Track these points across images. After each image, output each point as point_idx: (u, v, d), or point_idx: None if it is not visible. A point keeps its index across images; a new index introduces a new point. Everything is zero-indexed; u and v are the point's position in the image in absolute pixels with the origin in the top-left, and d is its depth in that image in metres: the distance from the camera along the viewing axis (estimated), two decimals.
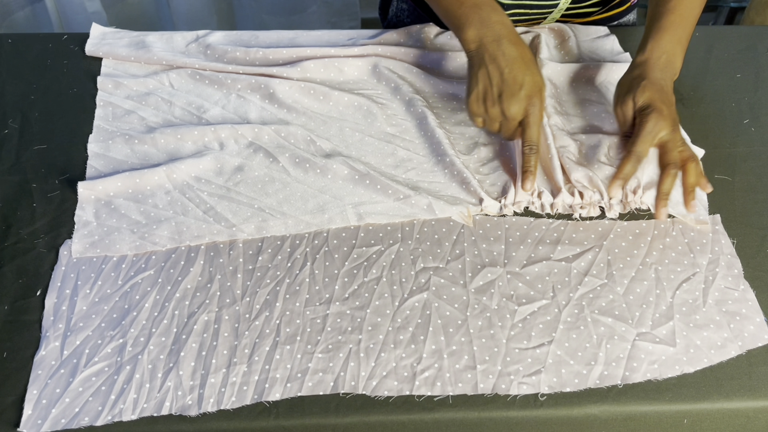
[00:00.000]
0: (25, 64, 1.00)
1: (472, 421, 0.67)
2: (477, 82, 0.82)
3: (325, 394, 0.68)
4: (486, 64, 0.81)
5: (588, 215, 0.82)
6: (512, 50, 0.81)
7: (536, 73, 0.81)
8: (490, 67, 0.81)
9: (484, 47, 0.82)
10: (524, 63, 0.81)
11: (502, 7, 0.86)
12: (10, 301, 0.74)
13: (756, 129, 0.93)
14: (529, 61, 0.81)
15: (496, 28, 0.82)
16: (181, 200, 0.83)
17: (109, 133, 0.91)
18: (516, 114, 0.80)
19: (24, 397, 0.67)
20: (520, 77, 0.80)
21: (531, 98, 0.80)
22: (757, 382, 0.69)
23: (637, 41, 1.05)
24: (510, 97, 0.80)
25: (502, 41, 0.81)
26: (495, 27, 0.82)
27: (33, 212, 0.82)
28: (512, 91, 0.80)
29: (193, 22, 1.82)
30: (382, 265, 0.77)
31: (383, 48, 1.00)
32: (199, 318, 0.73)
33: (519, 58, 0.81)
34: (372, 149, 0.89)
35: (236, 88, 0.96)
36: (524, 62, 0.81)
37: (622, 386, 0.69)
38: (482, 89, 0.82)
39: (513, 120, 0.81)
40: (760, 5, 1.61)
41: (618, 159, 0.88)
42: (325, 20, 1.91)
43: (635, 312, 0.74)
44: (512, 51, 0.81)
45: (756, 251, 0.80)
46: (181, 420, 0.66)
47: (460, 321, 0.73)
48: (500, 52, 0.81)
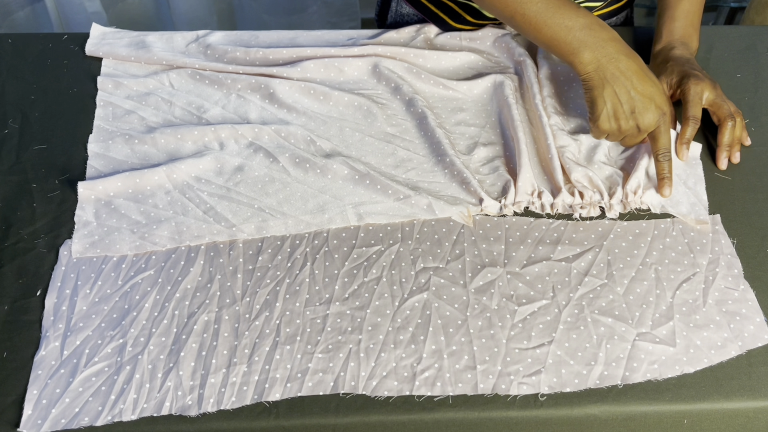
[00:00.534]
0: (25, 64, 1.00)
1: (472, 421, 0.67)
2: (605, 102, 0.83)
3: (325, 394, 0.68)
4: (611, 83, 0.82)
5: (588, 215, 0.82)
6: (632, 65, 0.83)
7: (657, 82, 0.84)
8: (615, 85, 0.82)
9: (602, 67, 0.83)
10: (645, 75, 0.83)
11: None
12: (10, 301, 0.74)
13: (756, 129, 0.93)
14: (647, 71, 0.84)
15: (610, 45, 0.83)
16: (181, 200, 0.83)
17: (109, 133, 0.91)
18: (650, 125, 0.83)
19: (24, 397, 0.67)
20: (648, 90, 0.82)
21: (662, 108, 0.83)
22: (757, 382, 0.69)
23: (637, 41, 1.05)
24: (644, 111, 0.82)
25: (620, 58, 0.83)
26: (608, 45, 0.83)
27: (33, 212, 0.82)
28: (645, 105, 0.82)
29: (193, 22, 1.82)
30: (382, 265, 0.77)
31: (383, 48, 1.00)
32: (199, 318, 0.73)
33: (640, 71, 0.83)
34: (372, 149, 0.89)
35: (236, 88, 0.96)
36: (645, 74, 0.83)
37: (622, 386, 0.69)
38: (612, 108, 0.83)
39: (647, 131, 0.84)
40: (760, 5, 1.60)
41: (618, 159, 0.88)
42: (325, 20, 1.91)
43: (635, 312, 0.74)
44: (632, 65, 0.83)
45: (756, 251, 0.80)
46: (181, 420, 0.66)
47: (460, 321, 0.73)
48: (620, 69, 0.82)
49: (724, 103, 0.88)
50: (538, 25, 0.85)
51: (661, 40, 0.95)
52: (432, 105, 0.95)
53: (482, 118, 0.94)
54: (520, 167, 0.84)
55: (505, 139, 0.90)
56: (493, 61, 1.01)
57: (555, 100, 0.94)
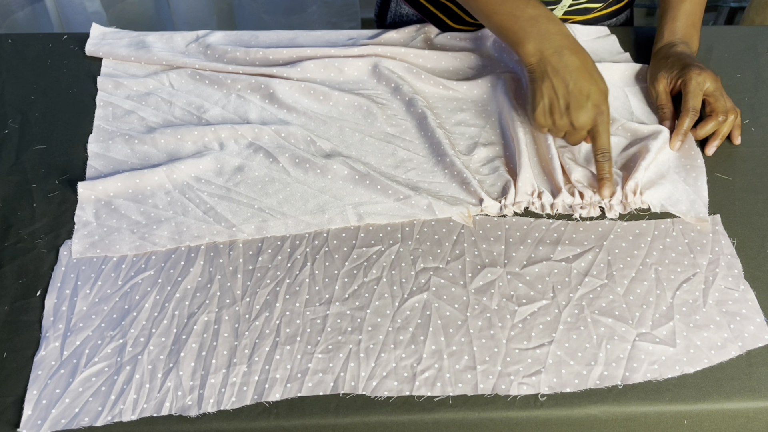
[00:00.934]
0: (25, 64, 1.00)
1: (472, 421, 0.67)
2: (542, 96, 0.83)
3: (325, 395, 0.68)
4: (550, 77, 0.82)
5: (588, 215, 0.82)
6: (574, 60, 0.82)
7: (600, 80, 0.83)
8: (554, 79, 0.82)
9: (545, 60, 0.82)
10: (587, 72, 0.82)
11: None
12: (10, 301, 0.74)
13: (756, 129, 0.93)
14: (592, 69, 0.83)
15: (555, 39, 0.83)
16: (181, 200, 0.83)
17: (109, 133, 0.91)
18: (585, 124, 0.82)
19: (24, 397, 0.67)
20: (585, 87, 0.81)
21: (599, 107, 0.82)
22: (757, 383, 0.69)
23: (637, 41, 1.05)
24: (578, 108, 0.81)
25: (564, 52, 0.82)
26: (554, 38, 0.83)
27: (33, 212, 0.82)
28: (579, 102, 0.81)
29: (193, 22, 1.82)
30: (382, 266, 0.77)
31: (383, 48, 1.00)
32: (199, 318, 0.73)
33: (582, 67, 0.82)
34: (372, 149, 0.89)
35: (236, 88, 0.96)
36: (587, 71, 0.82)
37: (622, 386, 0.69)
38: (548, 102, 0.82)
39: (582, 129, 0.83)
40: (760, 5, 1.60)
41: (617, 159, 0.88)
42: (325, 20, 1.91)
43: (635, 312, 0.74)
44: (574, 61, 0.82)
45: (756, 251, 0.80)
46: (181, 420, 0.66)
47: (460, 321, 0.73)
48: (562, 63, 0.82)
49: (722, 97, 0.89)
50: (488, 12, 0.86)
51: (662, 39, 0.96)
52: (432, 105, 0.95)
53: (482, 118, 0.94)
54: (520, 167, 0.84)
55: (505, 140, 0.90)
56: (493, 61, 1.01)
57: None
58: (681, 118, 0.88)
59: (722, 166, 0.89)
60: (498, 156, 0.89)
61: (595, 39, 1.05)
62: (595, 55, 1.02)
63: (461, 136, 0.91)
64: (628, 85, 0.98)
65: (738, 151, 0.91)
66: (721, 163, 0.89)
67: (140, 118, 0.92)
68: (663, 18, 0.97)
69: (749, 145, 0.91)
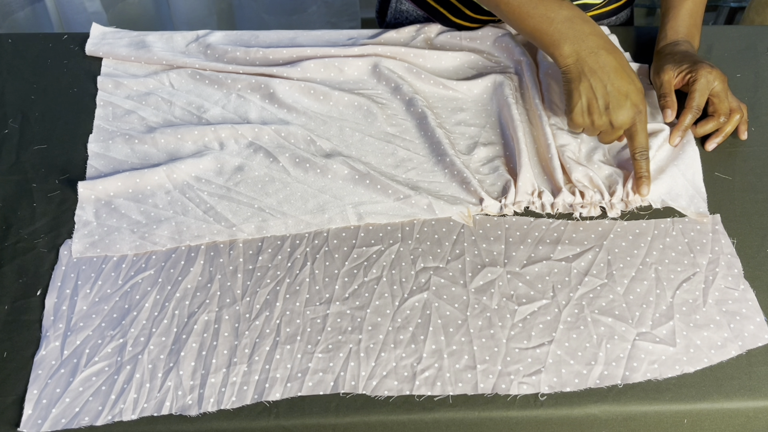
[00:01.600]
0: (25, 64, 1.00)
1: (472, 421, 0.67)
2: (580, 96, 0.83)
3: (325, 394, 0.68)
4: (588, 77, 0.82)
5: (588, 215, 0.82)
6: (611, 60, 0.82)
7: (637, 80, 0.83)
8: (592, 79, 0.82)
9: (582, 60, 0.83)
10: (624, 72, 0.83)
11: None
12: (10, 301, 0.74)
13: (756, 129, 0.93)
14: (628, 68, 0.83)
15: (591, 39, 0.83)
16: (181, 200, 0.83)
17: (109, 133, 0.91)
18: (624, 123, 0.82)
19: (24, 396, 0.67)
20: (624, 87, 0.82)
21: (637, 106, 0.82)
22: (757, 382, 0.69)
23: (637, 41, 1.05)
24: (618, 108, 0.81)
25: (600, 52, 0.82)
26: (590, 39, 0.83)
27: (33, 212, 0.82)
28: (619, 101, 0.81)
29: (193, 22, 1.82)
30: (382, 265, 0.77)
31: (383, 48, 1.00)
32: (199, 318, 0.73)
33: (619, 67, 0.82)
34: (372, 149, 0.89)
35: (236, 88, 0.96)
36: (624, 71, 0.83)
37: (622, 386, 0.69)
38: (586, 102, 0.83)
39: (620, 129, 0.83)
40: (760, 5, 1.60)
41: (617, 158, 0.88)
42: (325, 20, 1.91)
43: (635, 312, 0.74)
44: (611, 61, 0.82)
45: (756, 251, 0.80)
46: (181, 420, 0.66)
47: (460, 321, 0.73)
48: (599, 64, 0.82)
49: (726, 98, 0.90)
50: (521, 15, 0.86)
51: (665, 38, 0.96)
52: (432, 105, 0.95)
53: (482, 118, 0.94)
54: (520, 167, 0.84)
55: (505, 139, 0.91)
56: (493, 61, 1.01)
57: (555, 100, 0.94)
58: (683, 115, 0.88)
59: (722, 165, 0.89)
60: (498, 156, 0.89)
61: None
62: None
63: (461, 135, 0.91)
64: None
65: (738, 151, 0.91)
66: (721, 163, 0.89)
67: (140, 117, 0.92)
68: (665, 17, 0.98)
69: (749, 145, 0.91)
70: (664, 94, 0.91)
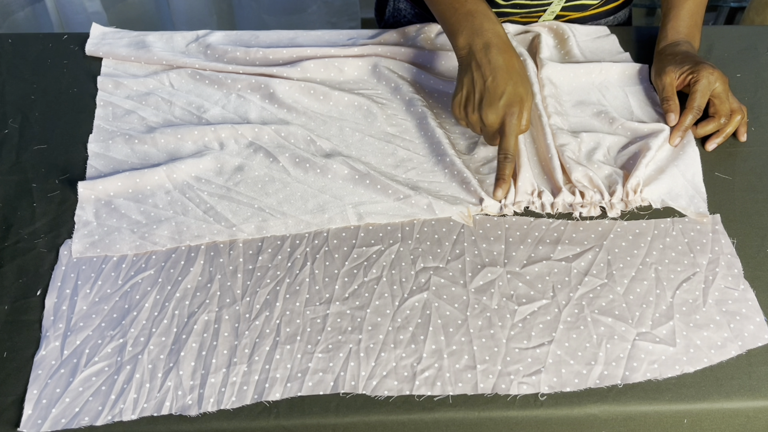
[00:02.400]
0: (25, 64, 1.00)
1: (472, 421, 0.67)
2: (461, 88, 0.84)
3: (325, 394, 0.68)
4: (472, 71, 0.83)
5: (588, 214, 0.82)
6: (499, 59, 0.82)
7: (520, 83, 0.82)
8: (475, 74, 0.82)
9: (472, 54, 0.83)
10: (508, 72, 0.81)
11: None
12: (10, 301, 0.74)
13: (756, 129, 0.93)
14: (515, 70, 0.82)
15: (486, 36, 0.83)
16: (181, 200, 0.83)
17: (109, 132, 0.91)
18: (492, 122, 0.82)
19: (24, 396, 0.67)
20: (501, 87, 0.81)
21: (510, 107, 0.81)
22: (757, 382, 0.69)
23: (637, 41, 1.05)
24: (488, 105, 0.81)
25: (491, 49, 0.82)
26: (486, 35, 0.83)
27: (33, 212, 0.82)
28: (491, 99, 0.81)
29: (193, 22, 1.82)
30: (382, 265, 0.77)
31: (383, 48, 1.00)
32: (199, 318, 0.73)
33: (504, 66, 0.81)
34: (372, 149, 0.89)
35: (236, 88, 0.96)
36: (509, 71, 0.81)
37: (622, 386, 0.69)
38: (465, 94, 0.83)
39: (490, 127, 0.82)
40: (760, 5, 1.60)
41: (617, 158, 0.88)
42: (325, 20, 1.91)
43: (635, 312, 0.74)
44: (499, 59, 0.82)
45: (756, 251, 0.80)
46: (181, 420, 0.66)
47: (460, 321, 0.73)
48: (487, 59, 0.82)
49: (727, 99, 0.90)
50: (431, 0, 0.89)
51: (666, 38, 0.97)
52: (432, 105, 0.95)
53: None
54: (519, 167, 0.84)
55: None
56: None
57: (555, 100, 0.94)
58: (684, 115, 0.89)
59: (722, 165, 0.89)
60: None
61: (595, 39, 1.05)
62: (595, 55, 1.02)
63: (461, 135, 0.91)
64: (628, 85, 0.98)
65: (738, 151, 0.91)
66: (721, 163, 0.89)
67: (140, 117, 0.93)
68: (666, 17, 0.98)
69: (749, 145, 0.91)
70: (667, 97, 0.91)
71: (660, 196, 0.83)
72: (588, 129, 0.92)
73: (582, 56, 1.01)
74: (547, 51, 1.00)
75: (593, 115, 0.94)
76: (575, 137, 0.89)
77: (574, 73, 0.98)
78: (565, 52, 1.02)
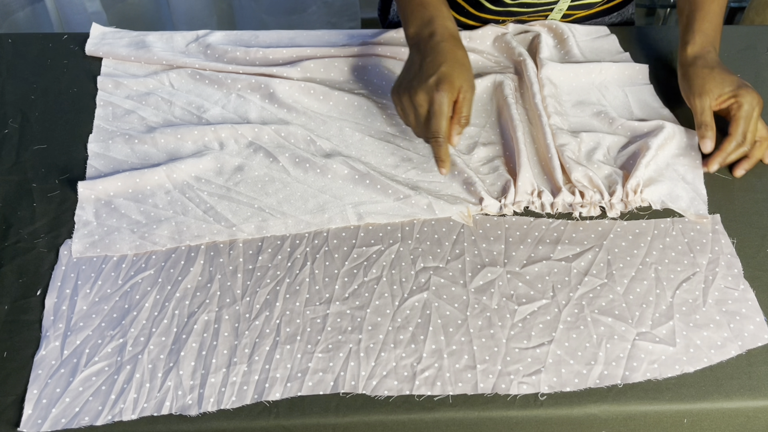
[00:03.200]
0: (25, 64, 1.00)
1: (472, 420, 0.67)
2: (402, 72, 0.84)
3: (325, 394, 0.68)
4: (413, 56, 0.84)
5: (588, 214, 0.82)
6: (442, 45, 0.82)
7: (457, 68, 0.80)
8: (415, 58, 0.83)
9: (420, 43, 0.84)
10: (448, 59, 0.80)
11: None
12: (10, 301, 0.74)
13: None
14: (456, 58, 0.81)
15: (434, 26, 0.83)
16: (181, 200, 0.83)
17: (109, 132, 0.91)
18: (419, 101, 0.79)
19: (24, 396, 0.67)
20: (434, 68, 0.80)
21: (438, 86, 0.78)
22: (757, 382, 0.69)
23: (637, 41, 1.05)
24: (418, 83, 0.80)
25: (435, 37, 0.82)
26: (434, 26, 0.83)
27: (33, 212, 0.82)
28: (421, 78, 0.80)
29: (193, 22, 1.82)
30: (382, 265, 0.77)
31: (383, 48, 1.00)
32: (199, 318, 0.73)
33: (444, 51, 0.81)
34: (372, 149, 0.89)
35: (236, 88, 0.96)
36: (448, 58, 0.80)
37: (622, 386, 0.69)
38: (402, 77, 0.83)
39: (420, 108, 0.80)
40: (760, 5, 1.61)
41: (617, 158, 0.88)
42: (325, 20, 1.91)
43: (635, 312, 0.74)
44: (440, 48, 0.81)
45: (756, 251, 0.80)
46: (181, 420, 0.66)
47: (460, 321, 0.73)
48: (429, 47, 0.82)
49: (756, 125, 0.86)
50: None
51: (694, 43, 0.90)
52: None
53: (482, 117, 0.94)
54: (519, 167, 0.84)
55: (504, 139, 0.91)
56: (493, 61, 1.01)
57: (555, 100, 0.94)
58: (727, 141, 0.85)
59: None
60: (498, 155, 0.89)
61: (595, 39, 1.05)
62: (594, 55, 1.03)
63: (461, 135, 0.91)
64: (628, 85, 0.98)
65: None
66: None
67: (140, 117, 0.93)
68: (692, 18, 0.92)
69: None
70: (705, 123, 0.86)
71: (660, 198, 0.83)
72: (588, 129, 0.92)
73: (582, 56, 1.01)
74: (547, 51, 1.00)
75: (593, 115, 0.94)
76: (575, 137, 0.89)
77: (574, 73, 0.98)
78: (564, 52, 1.02)
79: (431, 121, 0.79)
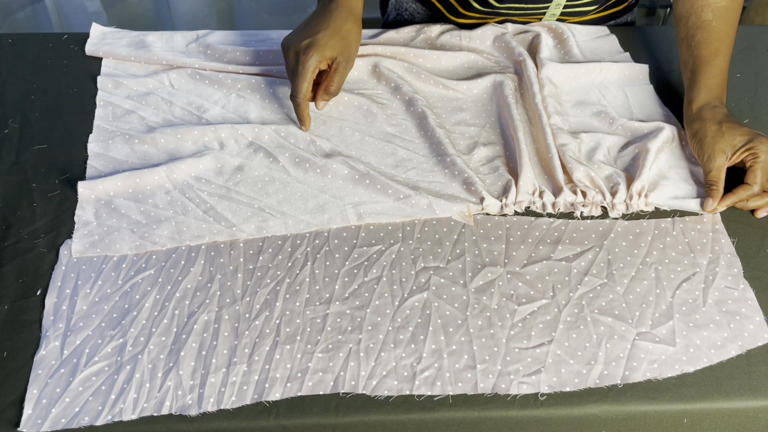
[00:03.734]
0: (25, 64, 1.00)
1: (472, 420, 0.67)
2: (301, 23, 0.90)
3: (325, 394, 0.68)
4: (313, 13, 0.90)
5: (590, 214, 0.82)
6: (331, 15, 0.87)
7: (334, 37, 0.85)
8: (311, 16, 0.89)
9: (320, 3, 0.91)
10: (328, 24, 0.86)
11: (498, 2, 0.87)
12: (10, 301, 0.74)
13: (756, 129, 0.93)
14: (337, 28, 0.85)
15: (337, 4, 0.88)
16: (181, 200, 0.83)
17: (109, 132, 0.91)
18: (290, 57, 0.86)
19: (24, 396, 0.67)
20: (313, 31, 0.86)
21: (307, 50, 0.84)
22: (757, 382, 0.69)
23: (637, 41, 1.05)
24: (295, 41, 0.85)
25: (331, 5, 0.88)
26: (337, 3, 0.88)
27: (33, 212, 0.82)
28: (300, 37, 0.86)
29: (193, 22, 1.82)
30: (382, 265, 0.77)
31: (383, 48, 1.00)
32: (199, 317, 0.73)
33: (329, 20, 0.86)
34: (372, 149, 0.89)
35: (236, 88, 0.96)
36: (329, 24, 0.86)
37: (622, 386, 0.69)
38: (296, 28, 0.89)
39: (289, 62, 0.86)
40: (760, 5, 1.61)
41: (617, 158, 0.88)
42: None
43: (635, 311, 0.74)
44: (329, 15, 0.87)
45: (756, 251, 0.80)
46: (181, 420, 0.66)
47: (460, 320, 0.73)
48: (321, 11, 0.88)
49: None
50: None
51: (699, 98, 0.87)
52: (432, 105, 0.95)
53: (482, 117, 0.94)
54: (520, 167, 0.84)
55: (505, 139, 0.91)
56: (493, 60, 1.01)
57: (555, 100, 0.94)
58: (742, 189, 0.81)
59: None
60: (498, 155, 0.89)
61: (594, 39, 1.05)
62: (594, 55, 1.03)
63: (461, 135, 0.91)
64: (628, 85, 0.98)
65: None
66: None
67: (140, 117, 0.93)
68: (696, 73, 0.89)
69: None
70: (714, 182, 0.82)
71: (666, 201, 0.83)
72: (588, 129, 0.92)
73: (582, 56, 1.01)
74: (547, 51, 1.00)
75: (593, 115, 0.94)
76: (575, 137, 0.89)
77: (573, 73, 0.98)
78: (564, 52, 1.02)
79: (292, 80, 0.86)
